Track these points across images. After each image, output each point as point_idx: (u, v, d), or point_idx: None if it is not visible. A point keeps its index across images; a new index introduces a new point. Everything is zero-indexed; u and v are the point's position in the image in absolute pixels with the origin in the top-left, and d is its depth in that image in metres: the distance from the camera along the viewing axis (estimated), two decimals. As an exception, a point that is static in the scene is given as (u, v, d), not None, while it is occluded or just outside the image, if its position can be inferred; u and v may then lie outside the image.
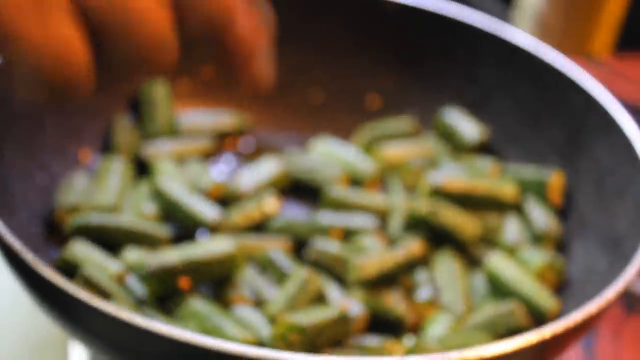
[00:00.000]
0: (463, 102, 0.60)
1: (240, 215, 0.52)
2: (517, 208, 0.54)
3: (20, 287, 0.42)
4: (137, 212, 0.52)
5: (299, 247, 0.51)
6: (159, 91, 0.58)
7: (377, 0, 0.60)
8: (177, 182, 0.53)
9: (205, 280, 0.47)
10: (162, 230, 0.50)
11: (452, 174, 0.55)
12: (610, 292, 0.40)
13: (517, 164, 0.57)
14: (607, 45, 0.86)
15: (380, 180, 0.57)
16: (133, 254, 0.48)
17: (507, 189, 0.54)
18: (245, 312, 0.46)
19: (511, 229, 0.53)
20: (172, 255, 0.46)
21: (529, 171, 0.55)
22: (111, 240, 0.49)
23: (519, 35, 0.60)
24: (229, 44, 0.34)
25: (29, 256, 0.39)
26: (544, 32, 0.84)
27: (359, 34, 0.61)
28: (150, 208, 0.52)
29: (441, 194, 0.53)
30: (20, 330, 0.53)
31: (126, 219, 0.50)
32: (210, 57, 0.35)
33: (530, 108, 0.58)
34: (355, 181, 0.56)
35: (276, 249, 0.50)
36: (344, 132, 0.60)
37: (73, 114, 0.55)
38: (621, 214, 0.49)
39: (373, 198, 0.54)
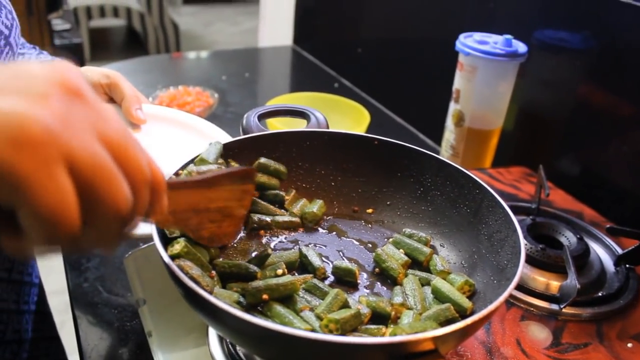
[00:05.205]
0: (415, 195, 0.59)
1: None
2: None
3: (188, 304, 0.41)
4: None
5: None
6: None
7: (370, 138, 0.60)
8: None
9: (277, 296, 0.46)
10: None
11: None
12: (500, 299, 0.40)
13: (447, 231, 0.57)
14: (489, 162, 0.86)
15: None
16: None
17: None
18: (307, 314, 0.45)
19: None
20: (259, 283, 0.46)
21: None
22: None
23: (444, 157, 0.61)
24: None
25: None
26: (457, 156, 0.86)
27: (362, 160, 0.61)
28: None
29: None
30: (185, 320, 0.53)
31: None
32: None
33: (452, 197, 0.57)
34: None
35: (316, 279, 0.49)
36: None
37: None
38: (504, 254, 0.49)
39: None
